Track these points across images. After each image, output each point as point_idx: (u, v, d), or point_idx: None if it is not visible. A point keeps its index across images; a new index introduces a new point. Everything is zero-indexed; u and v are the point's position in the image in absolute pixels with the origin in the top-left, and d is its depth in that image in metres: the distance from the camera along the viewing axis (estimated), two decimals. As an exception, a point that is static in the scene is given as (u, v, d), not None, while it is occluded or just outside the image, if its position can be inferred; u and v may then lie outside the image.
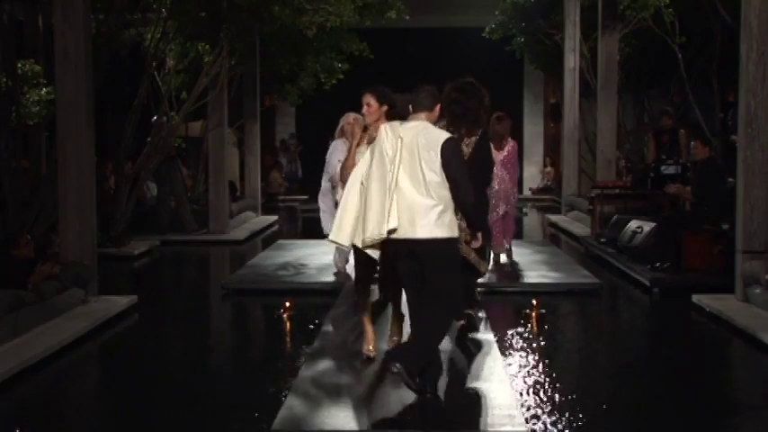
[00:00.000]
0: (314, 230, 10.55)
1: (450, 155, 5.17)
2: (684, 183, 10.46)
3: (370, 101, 5.99)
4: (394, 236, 5.17)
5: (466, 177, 5.19)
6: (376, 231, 5.17)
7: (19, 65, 10.14)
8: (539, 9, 16.66)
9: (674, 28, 13.91)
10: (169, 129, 12.60)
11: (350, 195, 5.54)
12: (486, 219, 6.63)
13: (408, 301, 5.58)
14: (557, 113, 20.23)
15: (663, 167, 11.18)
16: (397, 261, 5.33)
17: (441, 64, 20.27)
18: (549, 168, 21.36)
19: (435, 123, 5.49)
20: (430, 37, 20.57)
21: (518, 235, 14.01)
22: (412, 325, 5.54)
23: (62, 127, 8.09)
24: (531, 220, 17.33)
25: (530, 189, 21.52)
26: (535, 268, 9.75)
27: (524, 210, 18.41)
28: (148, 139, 12.57)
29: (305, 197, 20.21)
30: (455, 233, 5.23)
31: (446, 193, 5.16)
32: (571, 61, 15.86)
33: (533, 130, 22.03)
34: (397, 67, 18.90)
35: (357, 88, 6.21)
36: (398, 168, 5.17)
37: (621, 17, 14.26)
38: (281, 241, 12.52)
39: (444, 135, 5.31)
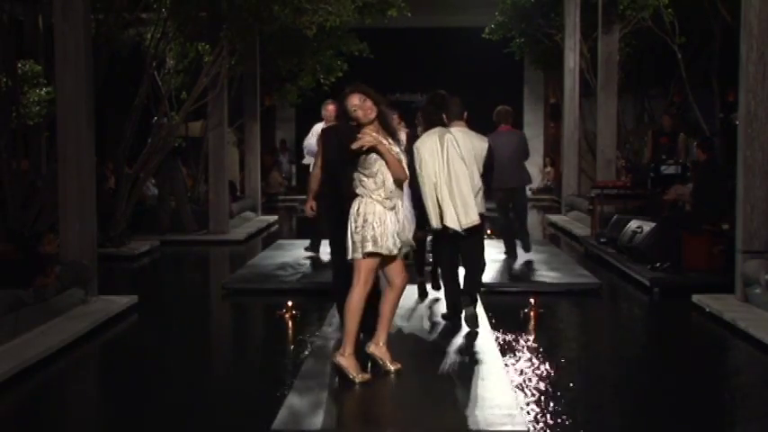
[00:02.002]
0: (313, 230, 10.54)
1: (491, 155, 6.96)
2: (684, 183, 10.46)
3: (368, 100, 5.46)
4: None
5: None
6: (474, 217, 6.63)
7: (19, 65, 10.13)
8: (538, 9, 16.67)
9: (674, 28, 13.92)
10: (169, 129, 12.60)
11: (429, 190, 6.64)
12: None
13: (448, 267, 7.07)
14: (557, 113, 20.23)
15: (663, 167, 11.18)
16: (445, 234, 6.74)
17: (441, 64, 20.35)
18: (548, 168, 21.37)
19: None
20: (430, 37, 20.58)
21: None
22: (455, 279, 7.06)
23: (62, 127, 8.09)
24: (531, 219, 17.27)
25: (530, 189, 21.49)
26: (535, 268, 9.75)
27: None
28: (149, 140, 12.57)
29: (304, 197, 20.22)
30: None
31: (480, 182, 6.81)
32: (571, 61, 15.86)
33: (533, 130, 22.02)
34: (397, 67, 18.95)
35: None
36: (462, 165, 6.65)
37: (621, 17, 14.28)
38: (280, 241, 12.53)
39: (483, 139, 7.03)
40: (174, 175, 13.51)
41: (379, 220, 5.35)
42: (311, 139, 10.07)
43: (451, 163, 6.56)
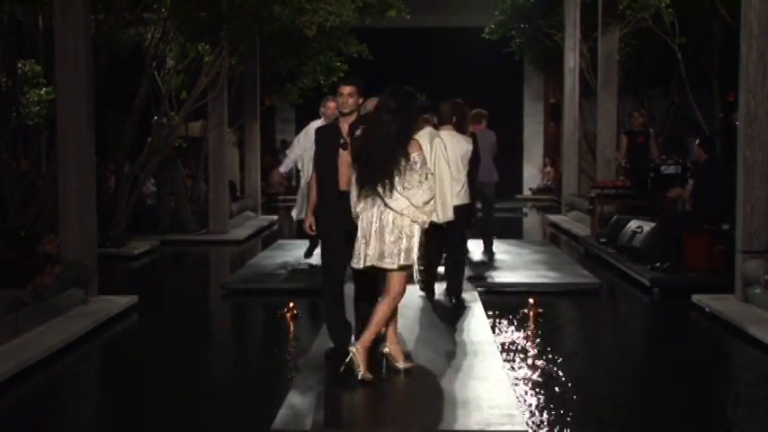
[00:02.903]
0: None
1: (477, 154, 7.92)
2: (684, 183, 10.45)
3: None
4: None
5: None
6: (450, 213, 7.20)
7: (19, 65, 10.14)
8: (538, 9, 16.66)
9: (674, 28, 13.91)
10: (169, 129, 12.61)
11: None
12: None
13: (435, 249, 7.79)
14: (556, 113, 20.23)
15: (663, 167, 11.16)
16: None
17: (441, 64, 20.34)
18: (548, 168, 21.36)
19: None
20: (430, 37, 20.56)
21: (518, 235, 14.04)
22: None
23: (62, 127, 8.09)
24: (531, 219, 17.33)
25: (529, 189, 21.52)
26: (535, 268, 9.75)
27: (524, 210, 18.41)
28: (149, 140, 12.57)
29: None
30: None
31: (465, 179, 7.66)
32: (571, 61, 15.86)
33: (533, 129, 22.02)
34: (396, 67, 18.93)
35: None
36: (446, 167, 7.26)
37: (621, 17, 14.27)
38: (280, 241, 12.53)
39: (469, 141, 7.82)
40: (174, 175, 13.51)
41: (411, 232, 5.41)
42: (298, 150, 9.87)
43: (437, 164, 7.03)
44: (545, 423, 4.97)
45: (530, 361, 6.28)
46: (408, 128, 5.52)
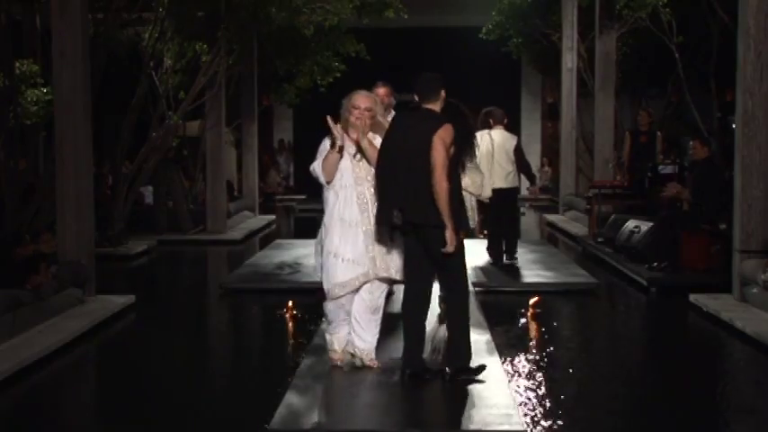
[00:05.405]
0: (311, 230, 10.53)
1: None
2: (682, 183, 10.46)
3: None
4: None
5: None
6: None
7: (17, 64, 10.13)
8: (536, 9, 16.66)
9: (672, 27, 13.92)
10: (167, 128, 12.60)
11: None
12: None
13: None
14: (554, 113, 20.22)
15: (660, 167, 11.16)
16: None
17: (438, 64, 20.29)
18: (546, 168, 21.37)
19: None
20: (428, 37, 20.57)
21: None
22: None
23: (60, 127, 8.09)
24: (529, 219, 17.33)
25: (527, 189, 21.49)
26: (533, 268, 9.75)
27: (522, 209, 18.40)
28: (147, 139, 12.56)
29: (302, 197, 20.24)
30: None
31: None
32: (568, 61, 15.86)
33: (531, 129, 22.02)
34: (394, 67, 18.91)
35: (354, 89, 6.16)
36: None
37: (619, 17, 14.27)
38: (278, 241, 12.53)
39: (514, 137, 9.82)
40: (171, 175, 13.51)
41: (472, 204, 7.10)
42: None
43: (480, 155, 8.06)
44: (543, 423, 4.97)
45: (527, 360, 6.28)
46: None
